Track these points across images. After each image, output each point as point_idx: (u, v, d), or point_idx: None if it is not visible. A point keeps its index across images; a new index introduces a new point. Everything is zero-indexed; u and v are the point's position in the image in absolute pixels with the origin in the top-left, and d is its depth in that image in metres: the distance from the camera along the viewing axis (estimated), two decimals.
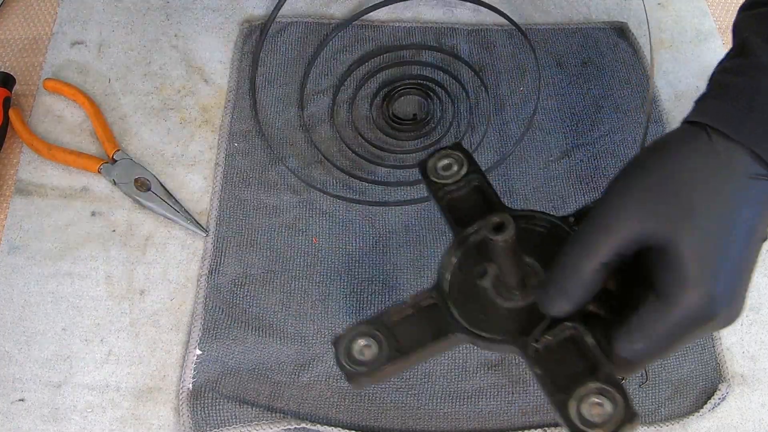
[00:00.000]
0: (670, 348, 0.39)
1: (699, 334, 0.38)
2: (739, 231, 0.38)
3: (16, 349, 0.54)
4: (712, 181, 0.38)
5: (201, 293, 0.56)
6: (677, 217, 0.37)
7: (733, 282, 0.38)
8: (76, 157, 0.61)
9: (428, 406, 0.53)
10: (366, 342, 0.41)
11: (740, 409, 0.54)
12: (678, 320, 0.37)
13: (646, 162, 0.39)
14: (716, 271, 0.37)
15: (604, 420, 0.37)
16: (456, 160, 0.46)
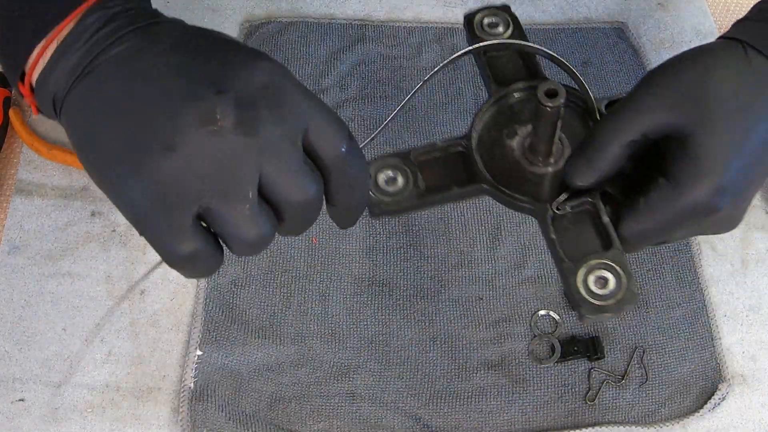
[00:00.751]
0: (670, 233, 0.41)
1: (699, 227, 0.41)
2: (758, 138, 0.40)
3: (16, 349, 0.54)
4: (742, 90, 0.40)
5: (201, 293, 0.56)
6: (703, 113, 0.39)
7: (742, 181, 0.40)
8: (76, 156, 0.61)
9: (428, 406, 0.53)
10: (392, 174, 0.43)
11: (740, 409, 0.54)
12: (684, 206, 0.39)
13: (682, 61, 0.42)
14: (729, 166, 0.39)
15: (605, 294, 0.39)
16: (503, 20, 0.47)
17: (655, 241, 0.42)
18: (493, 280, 0.58)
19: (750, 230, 0.61)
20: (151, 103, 0.35)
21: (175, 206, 0.34)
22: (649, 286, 0.58)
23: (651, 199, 0.40)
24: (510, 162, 0.44)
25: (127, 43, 0.37)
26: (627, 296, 0.39)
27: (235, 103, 0.34)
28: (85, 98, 0.36)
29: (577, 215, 0.42)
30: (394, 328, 0.56)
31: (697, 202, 0.39)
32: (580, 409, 0.53)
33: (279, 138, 0.35)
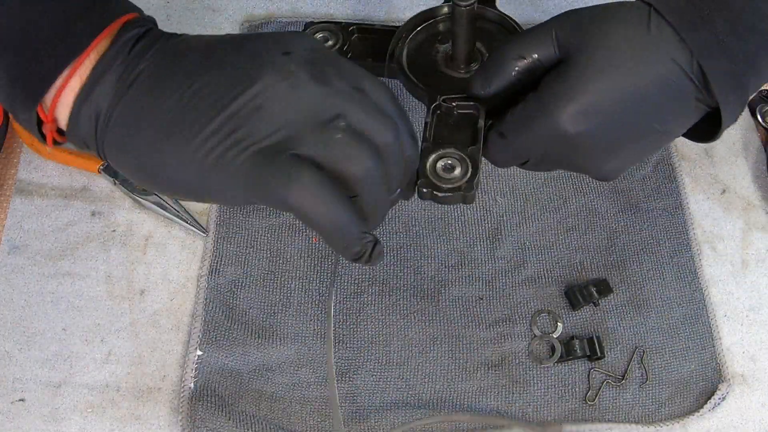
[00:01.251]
0: (532, 151, 0.44)
1: (562, 154, 0.43)
2: (627, 90, 0.41)
3: (16, 349, 0.54)
4: (629, 43, 0.41)
5: (201, 293, 0.56)
6: (585, 47, 0.42)
7: (605, 120, 0.41)
8: (76, 157, 0.61)
9: (428, 406, 0.53)
10: (326, 36, 0.52)
11: (740, 409, 0.54)
12: (541, 120, 0.42)
13: (588, 8, 0.44)
14: (588, 93, 0.41)
15: (447, 178, 0.43)
16: None
17: (518, 156, 0.45)
18: (493, 280, 0.58)
19: (750, 230, 0.61)
20: (226, 77, 0.37)
21: (277, 156, 0.36)
22: (649, 286, 0.58)
23: (515, 111, 0.43)
24: (430, 61, 0.50)
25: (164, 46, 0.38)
26: (466, 186, 0.43)
27: (304, 60, 0.37)
28: (147, 97, 0.37)
29: (461, 115, 0.46)
30: (394, 328, 0.56)
31: (553, 119, 0.41)
32: (580, 409, 0.53)
33: (349, 88, 0.38)
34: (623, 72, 0.41)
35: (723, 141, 0.65)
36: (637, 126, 0.42)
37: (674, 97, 0.42)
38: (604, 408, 0.53)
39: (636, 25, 0.41)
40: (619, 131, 0.42)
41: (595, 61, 0.41)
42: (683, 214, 0.61)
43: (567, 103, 0.41)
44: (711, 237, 0.61)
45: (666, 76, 0.41)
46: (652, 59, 0.41)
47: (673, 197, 0.62)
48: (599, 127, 0.41)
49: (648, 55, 0.41)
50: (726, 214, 0.62)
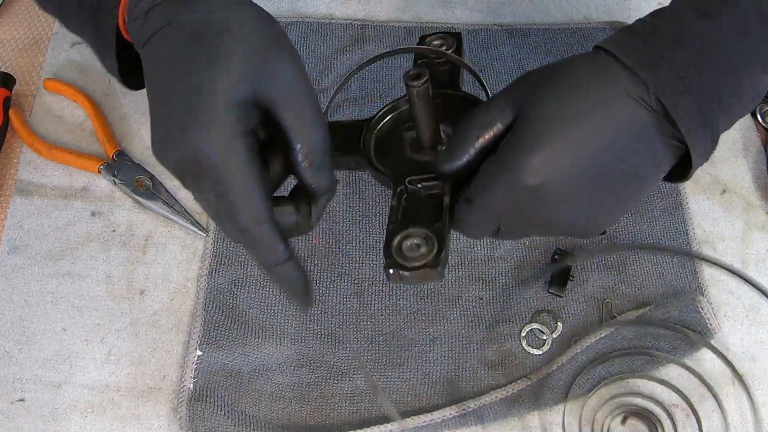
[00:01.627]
0: (498, 214, 0.42)
1: (532, 216, 0.41)
2: (587, 131, 0.39)
3: (16, 349, 0.54)
4: (585, 83, 0.40)
5: (201, 293, 0.56)
6: (538, 95, 0.41)
7: (563, 174, 0.39)
8: (76, 157, 0.61)
9: (429, 406, 0.53)
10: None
11: (740, 409, 0.54)
12: (500, 177, 0.40)
13: (542, 67, 0.43)
14: (542, 145, 0.39)
15: (413, 256, 0.42)
16: (449, 44, 0.53)
17: (487, 220, 0.43)
18: (493, 280, 0.58)
19: (750, 230, 0.61)
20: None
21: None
22: (649, 286, 0.58)
23: (478, 175, 0.42)
24: (397, 149, 0.50)
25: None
26: (432, 262, 0.42)
27: None
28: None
29: (427, 195, 0.46)
30: (394, 328, 0.56)
31: (512, 173, 0.40)
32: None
33: None
34: (575, 116, 0.39)
35: (723, 141, 0.65)
36: (602, 169, 0.40)
37: (637, 136, 0.39)
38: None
39: (587, 70, 0.41)
40: (583, 177, 0.40)
41: (545, 109, 0.40)
42: (683, 214, 0.61)
43: (522, 155, 0.39)
44: (711, 237, 0.61)
45: (622, 114, 0.39)
46: (604, 99, 0.39)
47: (673, 197, 0.62)
48: (560, 174, 0.39)
49: (600, 96, 0.39)
50: (726, 214, 0.62)
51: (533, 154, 0.39)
